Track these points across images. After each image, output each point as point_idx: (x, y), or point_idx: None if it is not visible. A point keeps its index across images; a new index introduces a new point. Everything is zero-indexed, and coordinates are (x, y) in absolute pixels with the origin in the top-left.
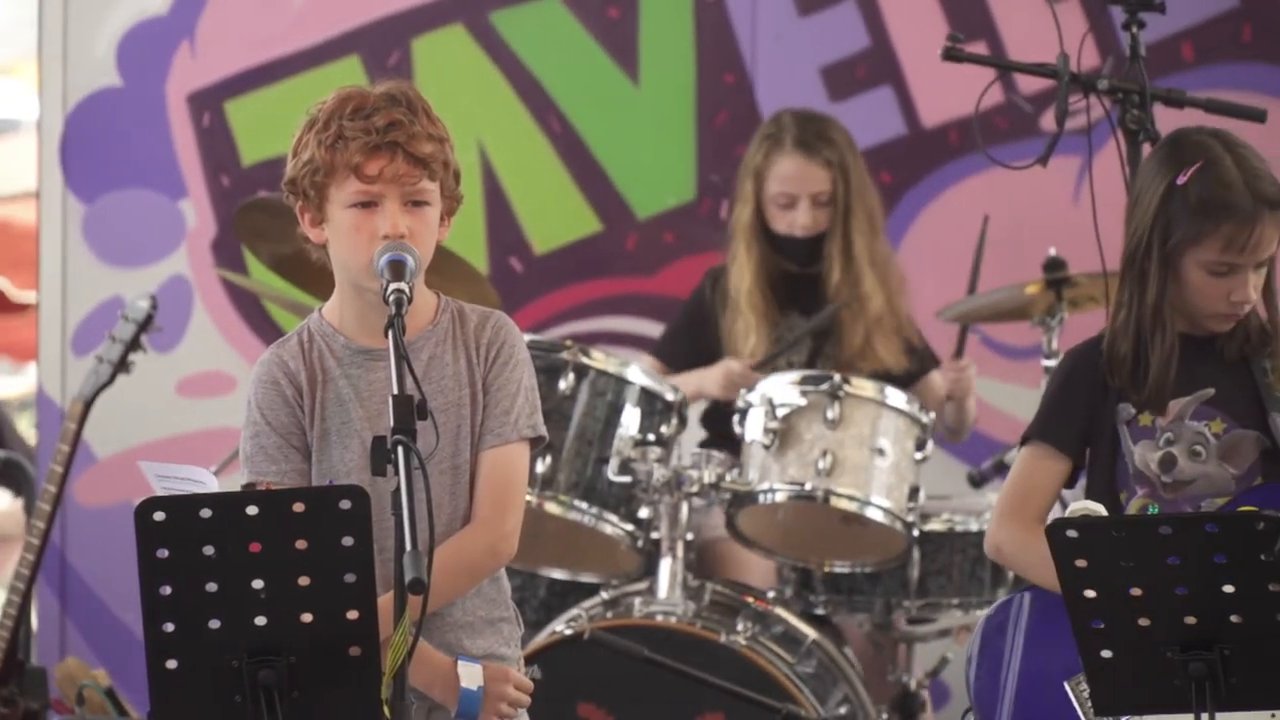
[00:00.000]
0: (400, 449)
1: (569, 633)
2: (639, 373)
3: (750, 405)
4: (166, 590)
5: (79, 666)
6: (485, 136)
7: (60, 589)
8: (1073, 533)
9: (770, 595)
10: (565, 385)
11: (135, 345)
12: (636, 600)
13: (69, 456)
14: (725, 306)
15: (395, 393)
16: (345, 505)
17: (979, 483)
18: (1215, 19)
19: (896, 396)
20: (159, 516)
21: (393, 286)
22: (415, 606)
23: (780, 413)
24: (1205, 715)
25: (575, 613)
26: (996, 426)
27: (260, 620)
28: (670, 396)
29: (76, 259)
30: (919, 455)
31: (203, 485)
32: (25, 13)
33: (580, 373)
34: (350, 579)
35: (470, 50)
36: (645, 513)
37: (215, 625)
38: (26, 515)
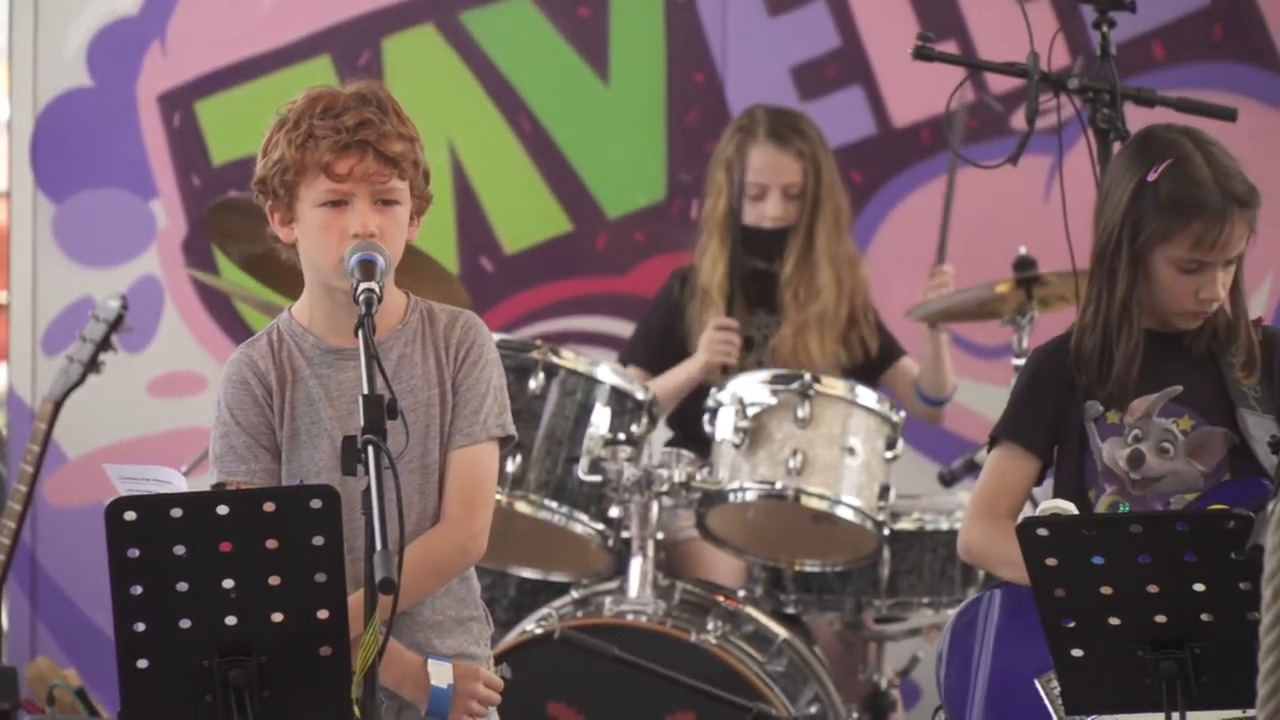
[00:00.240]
0: (370, 448)
1: (539, 632)
2: (609, 372)
3: (721, 404)
4: (137, 590)
5: (49, 666)
6: (455, 136)
7: (31, 589)
8: (1043, 531)
9: (740, 594)
10: (535, 385)
11: (106, 345)
12: (607, 599)
13: (39, 456)
14: (694, 302)
15: (365, 392)
16: (315, 505)
17: (949, 482)
18: (1186, 18)
19: (867, 395)
20: (130, 516)
21: (363, 286)
22: (385, 606)
23: (751, 412)
24: (1176, 714)
25: (545, 612)
26: (967, 425)
27: (231, 620)
28: (640, 396)
29: (47, 259)
30: (889, 454)
31: (169, 485)
32: None
33: (550, 372)
34: (320, 578)
35: (441, 50)
36: (615, 512)
37: (186, 625)
38: None
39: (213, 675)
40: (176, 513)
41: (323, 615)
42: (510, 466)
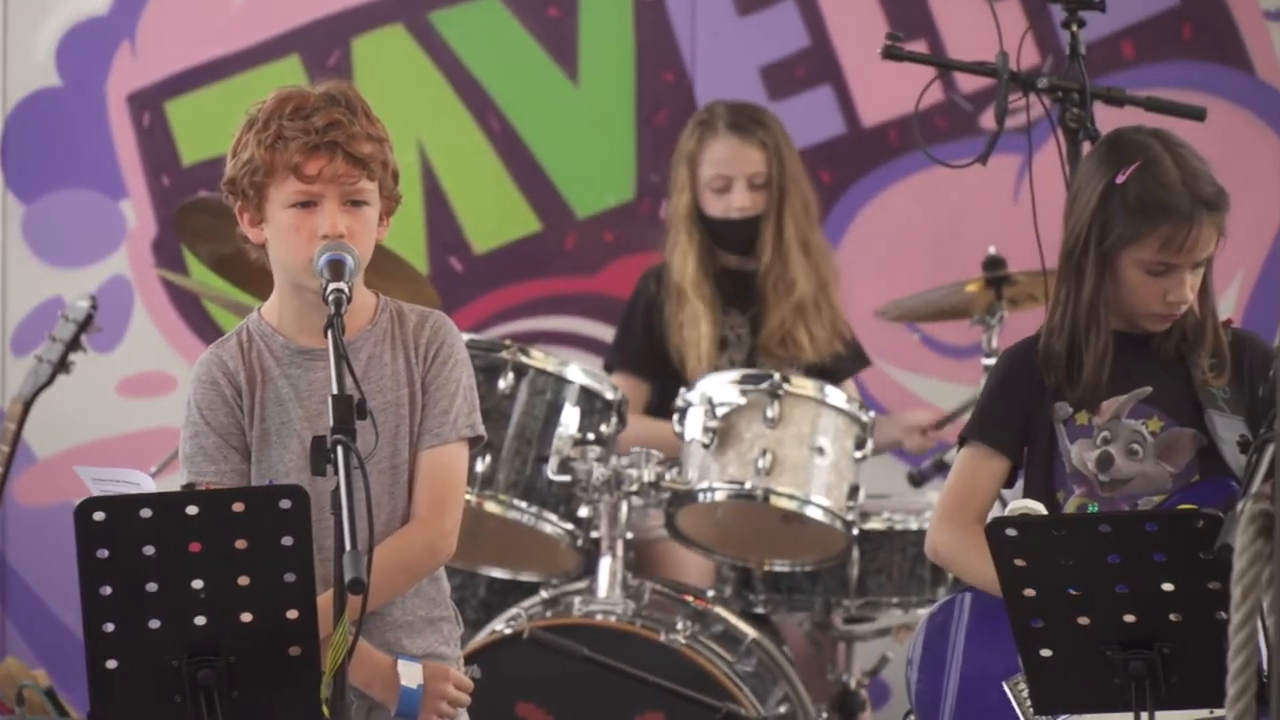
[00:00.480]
0: (339, 448)
1: (508, 632)
2: (578, 372)
3: (690, 404)
4: (106, 590)
5: (18, 667)
6: (425, 136)
7: (0, 589)
8: (1012, 531)
9: (710, 594)
10: (504, 384)
11: (75, 345)
12: (576, 599)
13: (9, 457)
14: (670, 300)
15: (334, 392)
16: (285, 505)
17: (919, 482)
18: (1155, 18)
19: (836, 395)
20: (99, 516)
21: (332, 286)
22: (355, 606)
23: (720, 411)
24: (1145, 714)
25: (515, 612)
26: None
27: (200, 620)
28: (610, 396)
29: (16, 259)
30: (859, 454)
31: (138, 487)
32: None
33: (519, 372)
34: (290, 578)
35: (410, 50)
36: (585, 512)
37: (155, 625)
38: None
39: (182, 675)
40: (146, 513)
41: (292, 615)
42: (479, 466)
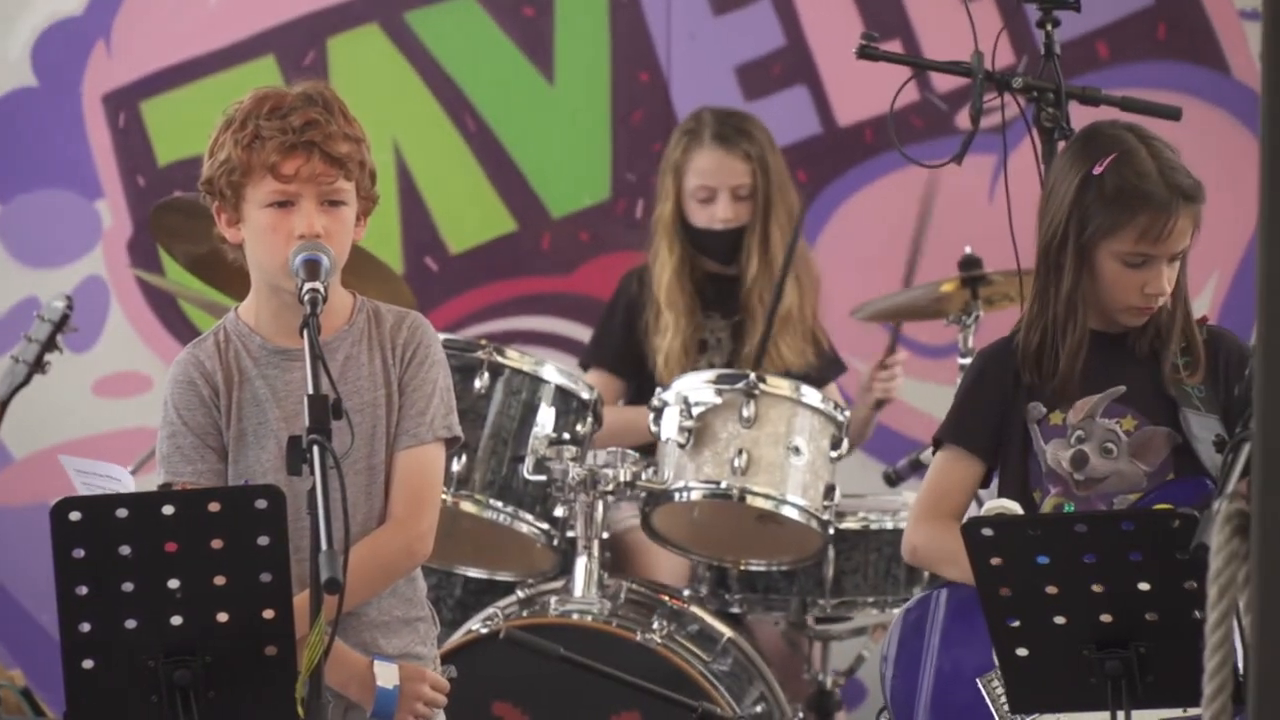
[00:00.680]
0: (315, 448)
1: (484, 631)
2: (554, 371)
3: (666, 404)
4: (82, 590)
5: None
6: (400, 136)
7: None
8: (988, 531)
9: (686, 594)
10: (480, 384)
11: (51, 345)
12: (552, 599)
13: None
14: (650, 305)
15: (310, 392)
16: (261, 505)
17: (895, 481)
18: (1130, 17)
19: (812, 395)
20: (75, 516)
21: (307, 286)
22: (331, 606)
23: (695, 411)
24: (1121, 713)
25: (491, 611)
26: (912, 425)
27: (176, 620)
28: (585, 396)
29: None
30: (835, 454)
31: (119, 483)
32: None
33: (495, 372)
34: (266, 578)
35: (385, 50)
36: (560, 511)
37: (131, 625)
38: None
39: (158, 675)
40: (122, 513)
41: (268, 615)
42: (455, 466)
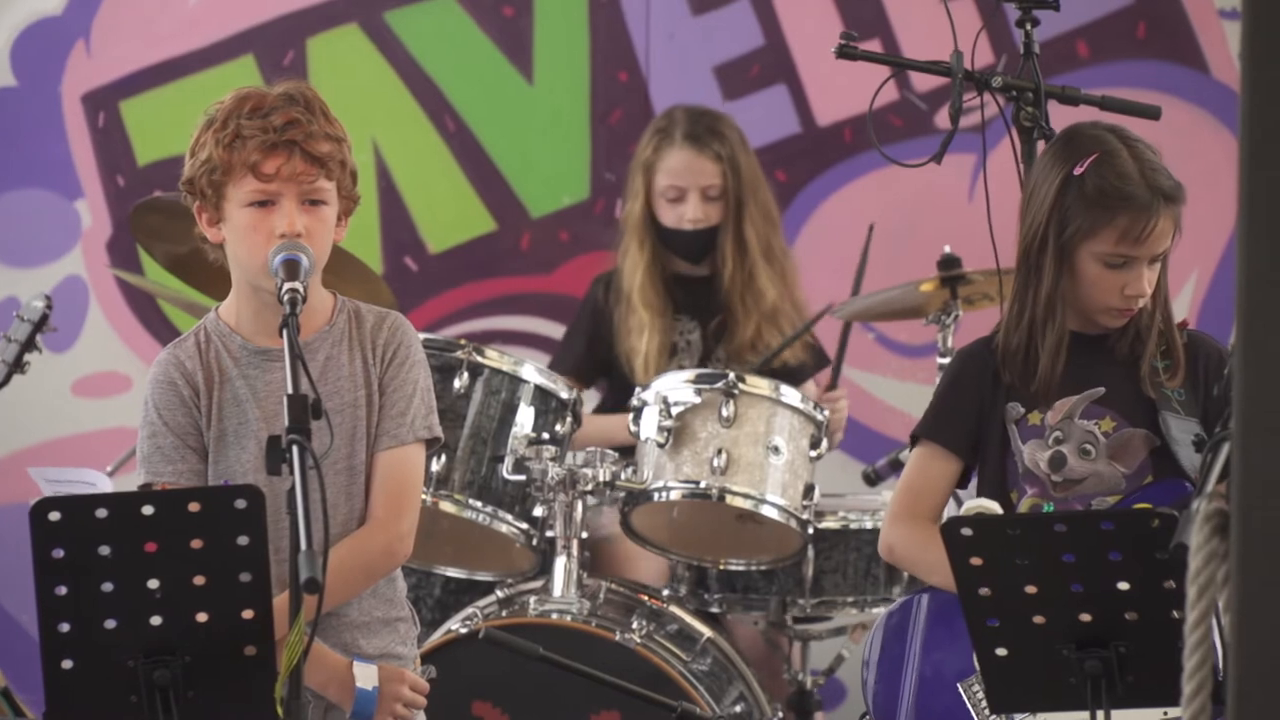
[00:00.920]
0: (295, 448)
1: (464, 631)
2: (533, 371)
3: (645, 403)
4: (62, 590)
5: None
6: (380, 136)
7: None
8: (968, 530)
9: (665, 594)
10: (460, 384)
11: (30, 345)
12: (531, 599)
13: None
14: (618, 307)
15: (290, 392)
16: (240, 505)
17: (874, 480)
18: (1109, 16)
19: (791, 394)
20: (54, 516)
21: (287, 286)
22: (310, 606)
23: (675, 411)
24: (1101, 713)
25: (470, 611)
26: (892, 424)
27: (156, 620)
28: (565, 395)
29: None
30: (814, 453)
31: (94, 487)
32: None
33: (475, 372)
34: (245, 578)
35: (365, 49)
36: (540, 511)
37: (111, 625)
38: None
39: (138, 675)
40: (102, 513)
41: (248, 615)
42: (435, 466)
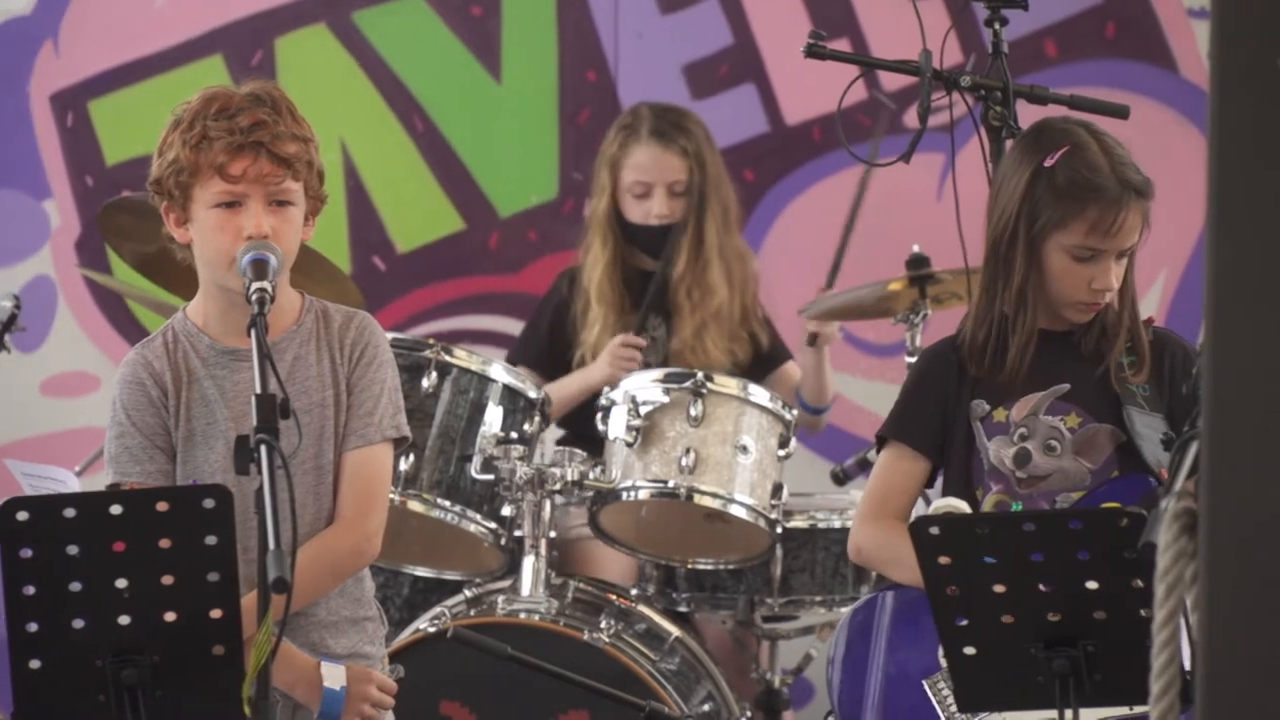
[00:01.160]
0: (263, 448)
1: (432, 631)
2: (502, 371)
3: (614, 403)
4: (30, 590)
5: None
6: (348, 135)
7: None
8: (935, 530)
9: (633, 593)
10: (428, 384)
11: None
12: (499, 598)
13: None
14: (578, 300)
15: (258, 391)
16: (208, 504)
17: (842, 480)
18: (1078, 16)
19: (760, 394)
20: (22, 516)
21: (255, 285)
22: (279, 606)
23: (643, 410)
24: (1069, 711)
25: (438, 611)
26: (860, 423)
27: (124, 619)
28: (533, 395)
29: None
30: (782, 452)
31: (65, 485)
32: None
33: (443, 371)
34: (214, 578)
35: (333, 49)
36: (508, 510)
37: (79, 625)
38: None
39: (106, 675)
40: (70, 513)
41: (216, 615)
42: (403, 465)
